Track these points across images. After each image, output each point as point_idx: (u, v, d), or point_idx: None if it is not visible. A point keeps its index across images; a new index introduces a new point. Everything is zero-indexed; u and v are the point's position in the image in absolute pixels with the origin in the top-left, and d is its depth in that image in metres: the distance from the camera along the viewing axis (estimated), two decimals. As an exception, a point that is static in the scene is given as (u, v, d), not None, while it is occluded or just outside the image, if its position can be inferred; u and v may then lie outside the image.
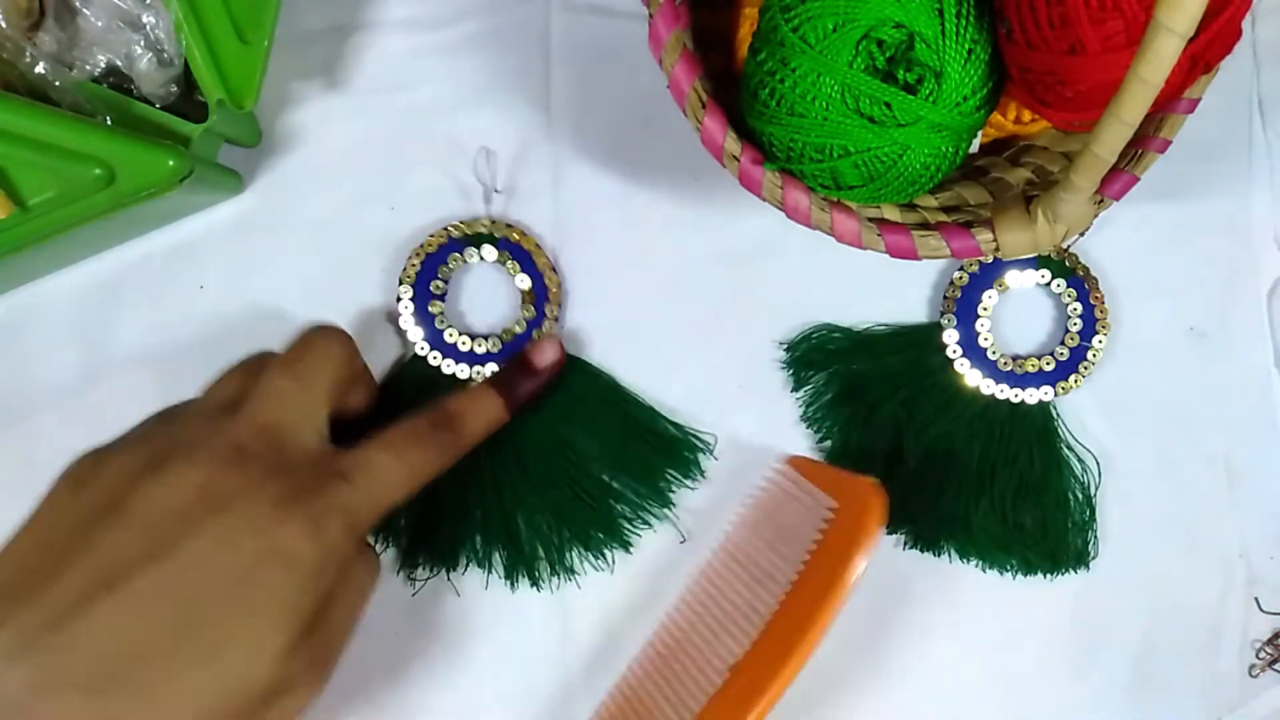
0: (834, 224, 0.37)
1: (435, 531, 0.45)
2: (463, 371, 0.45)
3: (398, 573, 0.46)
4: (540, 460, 0.45)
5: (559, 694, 0.46)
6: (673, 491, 0.46)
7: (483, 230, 0.46)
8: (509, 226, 0.46)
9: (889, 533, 0.47)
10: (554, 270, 0.46)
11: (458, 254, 0.46)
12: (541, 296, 0.46)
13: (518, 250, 0.46)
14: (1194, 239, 0.48)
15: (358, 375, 0.40)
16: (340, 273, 0.46)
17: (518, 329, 0.45)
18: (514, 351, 0.45)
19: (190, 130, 0.40)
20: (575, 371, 0.46)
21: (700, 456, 0.46)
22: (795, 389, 0.47)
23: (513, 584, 0.45)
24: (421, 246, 0.45)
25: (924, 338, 0.47)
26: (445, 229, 0.45)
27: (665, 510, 0.46)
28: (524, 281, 0.46)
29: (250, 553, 0.32)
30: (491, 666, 0.46)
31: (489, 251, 0.46)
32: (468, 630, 0.46)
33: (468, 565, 0.45)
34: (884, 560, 0.47)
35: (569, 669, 0.46)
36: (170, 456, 0.33)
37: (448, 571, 0.45)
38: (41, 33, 0.40)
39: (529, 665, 0.46)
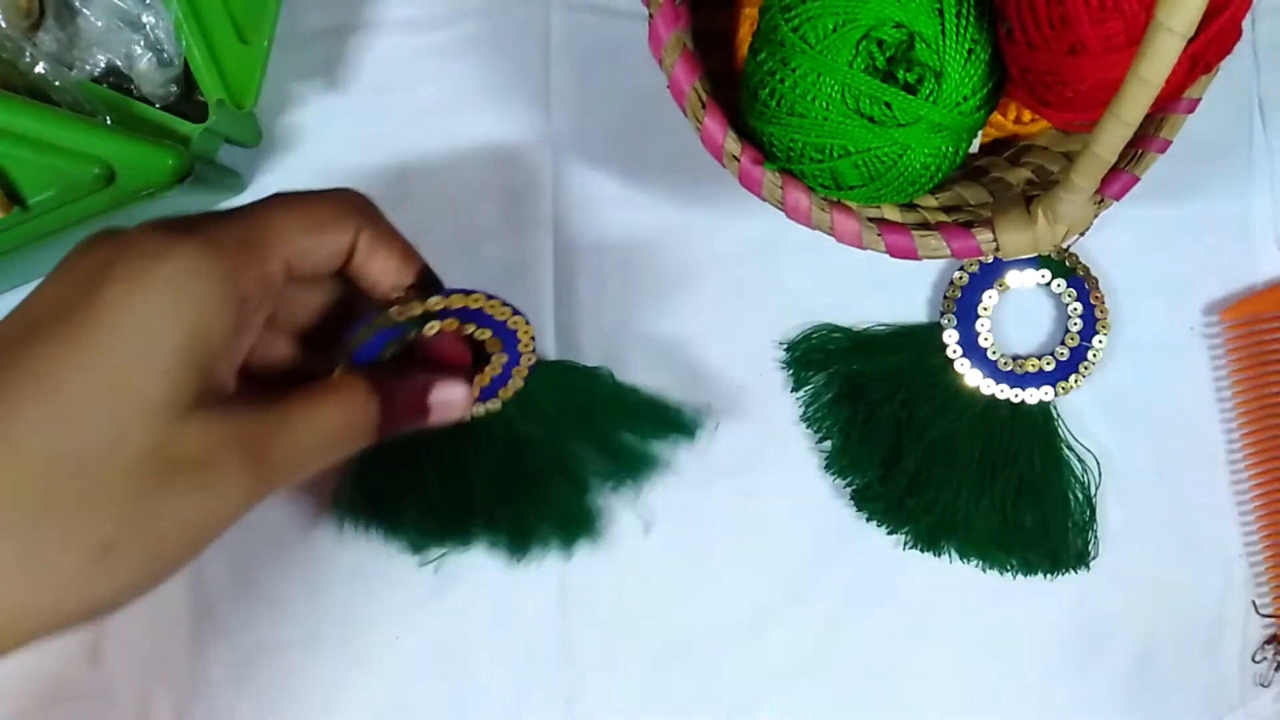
0: (834, 224, 0.37)
1: (433, 514, 0.45)
2: (466, 372, 0.45)
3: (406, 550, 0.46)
4: (530, 459, 0.45)
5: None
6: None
7: None
8: None
9: (889, 533, 0.47)
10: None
11: None
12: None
13: None
14: (1194, 239, 0.48)
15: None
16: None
17: None
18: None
19: (190, 130, 0.40)
20: (572, 375, 0.46)
21: (698, 421, 0.46)
22: (795, 389, 0.47)
23: (518, 554, 0.45)
24: None
25: (924, 338, 0.47)
26: None
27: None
28: None
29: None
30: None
31: None
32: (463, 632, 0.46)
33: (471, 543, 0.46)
34: (884, 559, 0.47)
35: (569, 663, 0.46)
36: None
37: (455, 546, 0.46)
38: (41, 32, 0.40)
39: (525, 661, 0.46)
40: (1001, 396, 0.46)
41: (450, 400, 0.34)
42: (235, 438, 0.27)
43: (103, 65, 0.41)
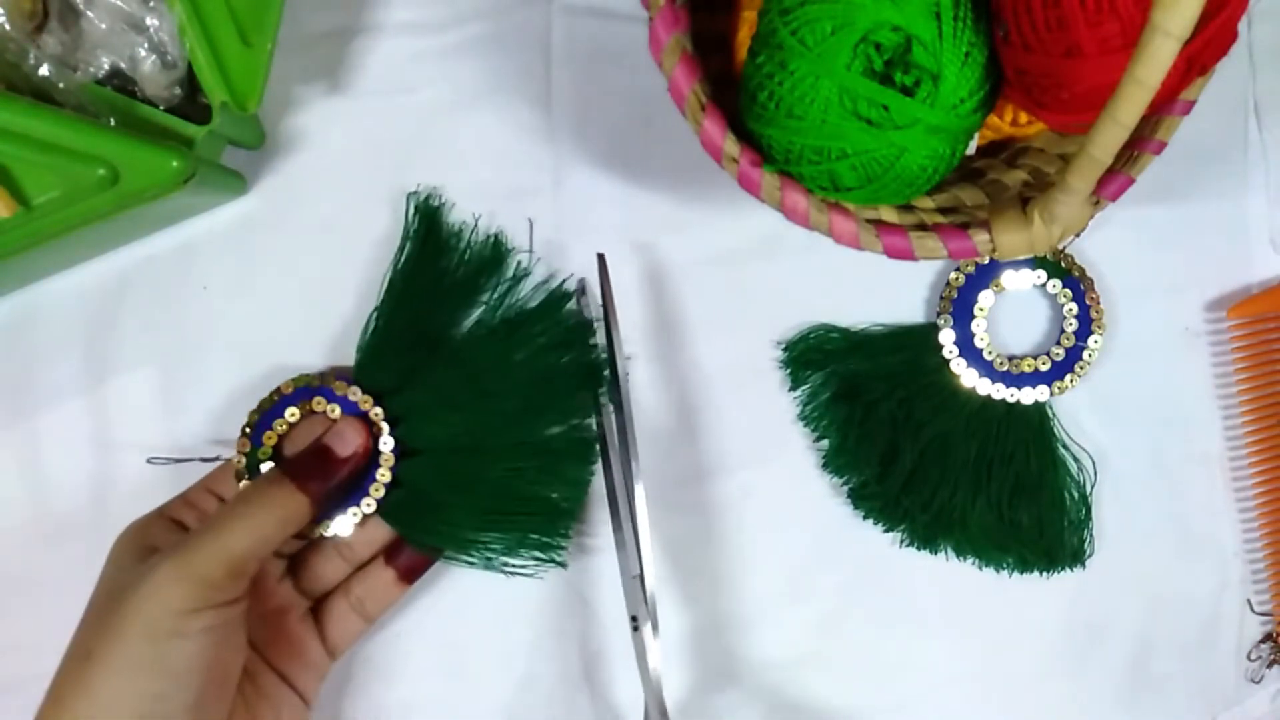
0: (832, 225, 0.38)
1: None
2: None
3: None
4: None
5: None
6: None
7: None
8: None
9: (886, 531, 0.47)
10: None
11: None
12: None
13: None
14: (1189, 240, 0.49)
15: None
16: (343, 274, 0.46)
17: None
18: None
19: (194, 132, 0.41)
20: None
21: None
22: (793, 388, 0.47)
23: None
24: None
25: (921, 338, 0.47)
26: None
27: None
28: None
29: None
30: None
31: None
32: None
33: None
34: (881, 557, 0.48)
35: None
36: None
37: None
38: (45, 35, 0.40)
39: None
40: (997, 396, 0.47)
41: (341, 431, 0.41)
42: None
43: (106, 67, 0.41)
